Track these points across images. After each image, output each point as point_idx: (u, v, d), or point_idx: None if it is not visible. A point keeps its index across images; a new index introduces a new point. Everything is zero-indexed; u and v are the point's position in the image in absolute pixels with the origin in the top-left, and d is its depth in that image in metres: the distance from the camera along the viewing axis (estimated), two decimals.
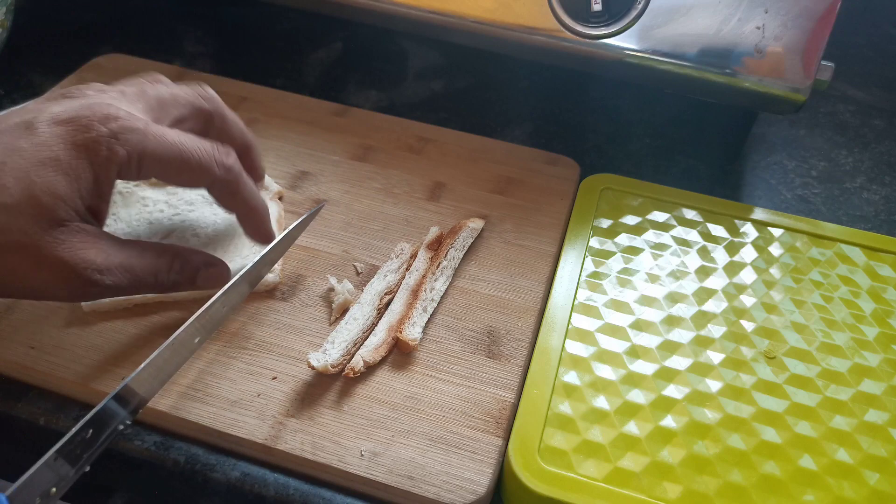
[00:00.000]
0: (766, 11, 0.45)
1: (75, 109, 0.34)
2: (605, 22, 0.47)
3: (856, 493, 0.35)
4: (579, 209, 0.48)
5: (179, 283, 0.38)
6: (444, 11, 0.50)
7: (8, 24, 0.57)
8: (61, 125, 0.34)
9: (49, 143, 0.33)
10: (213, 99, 0.40)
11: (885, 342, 0.42)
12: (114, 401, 0.33)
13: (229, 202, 0.39)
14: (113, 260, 0.35)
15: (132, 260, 0.36)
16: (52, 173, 0.33)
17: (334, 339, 0.39)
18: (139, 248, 0.37)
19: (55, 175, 0.33)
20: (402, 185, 0.50)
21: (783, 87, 0.47)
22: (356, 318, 0.40)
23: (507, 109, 0.60)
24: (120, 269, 0.35)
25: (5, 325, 0.40)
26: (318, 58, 0.65)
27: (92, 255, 0.34)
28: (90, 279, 0.34)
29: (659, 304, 0.43)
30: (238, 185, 0.39)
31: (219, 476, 0.36)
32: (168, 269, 0.37)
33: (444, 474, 0.35)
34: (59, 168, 0.33)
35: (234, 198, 0.39)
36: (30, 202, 0.32)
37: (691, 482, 0.35)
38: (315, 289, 0.43)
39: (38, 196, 0.32)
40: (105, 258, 0.34)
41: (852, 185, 0.56)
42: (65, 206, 0.33)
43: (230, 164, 0.38)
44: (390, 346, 0.40)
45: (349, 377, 0.38)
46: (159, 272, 0.37)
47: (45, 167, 0.33)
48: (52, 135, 0.33)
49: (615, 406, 0.38)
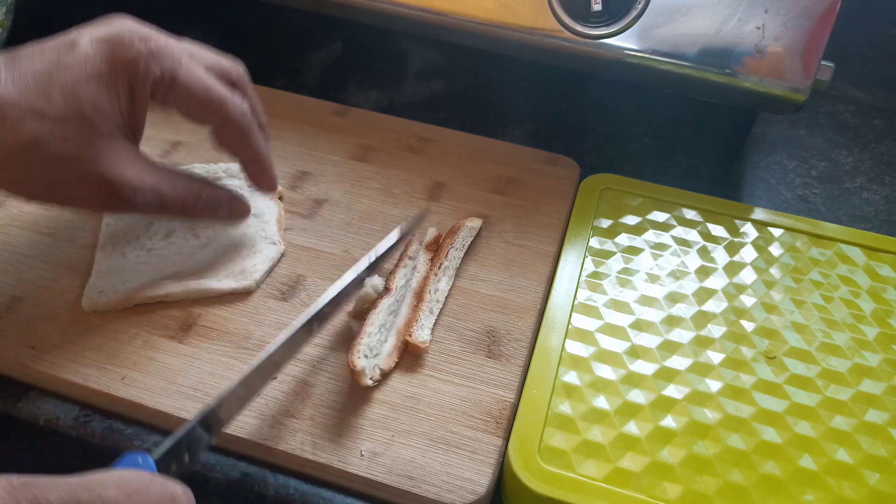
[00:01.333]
0: (766, 11, 0.45)
1: (118, 29, 0.37)
2: (605, 22, 0.47)
3: (856, 493, 0.35)
4: (579, 209, 0.48)
5: (204, 213, 0.41)
6: (444, 11, 0.50)
7: (8, 24, 0.57)
8: (103, 42, 0.36)
9: (92, 58, 0.35)
10: (243, 75, 0.42)
11: (885, 342, 0.42)
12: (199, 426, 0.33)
13: (238, 145, 0.41)
14: (147, 180, 0.37)
15: (164, 184, 0.38)
16: (95, 87, 0.35)
17: (372, 348, 0.39)
18: (172, 175, 0.39)
19: (98, 89, 0.35)
20: (402, 185, 0.50)
21: (783, 87, 0.47)
22: (387, 326, 0.40)
23: (507, 109, 0.60)
24: (151, 191, 0.37)
25: (5, 325, 0.40)
26: (318, 58, 0.64)
27: (129, 172, 0.36)
28: (123, 195, 0.36)
29: (659, 304, 0.43)
30: (249, 130, 0.40)
31: (219, 476, 0.36)
32: (196, 200, 0.40)
33: (444, 474, 0.35)
34: (102, 82, 0.35)
35: (243, 141, 0.40)
36: (75, 114, 0.34)
37: (691, 482, 0.35)
38: (315, 289, 0.43)
39: (82, 109, 0.35)
40: (140, 178, 0.37)
41: (852, 185, 0.56)
42: (106, 120, 0.35)
43: (246, 109, 0.40)
44: (401, 350, 0.40)
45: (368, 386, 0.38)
46: (186, 200, 0.39)
47: (88, 81, 0.35)
48: (96, 51, 0.36)
49: (615, 406, 0.38)
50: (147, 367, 0.38)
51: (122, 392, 0.37)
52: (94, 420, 0.37)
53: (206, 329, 0.40)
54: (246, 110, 0.40)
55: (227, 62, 0.41)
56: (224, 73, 0.40)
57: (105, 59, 0.35)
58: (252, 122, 0.40)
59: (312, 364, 0.39)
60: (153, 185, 0.37)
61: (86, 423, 0.37)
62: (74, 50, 0.35)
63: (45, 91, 0.34)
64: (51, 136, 0.34)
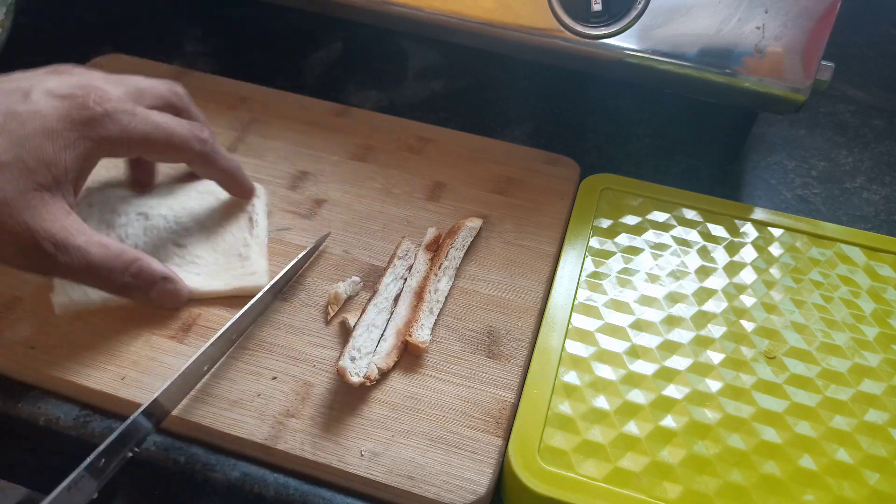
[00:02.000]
0: (766, 11, 0.45)
1: (70, 86, 0.36)
2: (605, 22, 0.47)
3: (856, 493, 0.35)
4: (579, 209, 0.48)
5: (133, 289, 0.39)
6: (444, 11, 0.50)
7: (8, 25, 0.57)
8: (58, 99, 0.36)
9: (45, 113, 0.35)
10: (182, 96, 0.43)
11: (885, 342, 0.42)
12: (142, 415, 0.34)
13: (208, 171, 0.43)
14: (72, 240, 0.35)
15: (91, 247, 0.36)
16: (43, 140, 0.35)
17: (360, 348, 0.39)
18: (103, 241, 0.37)
19: (45, 142, 0.35)
20: (402, 185, 0.50)
21: (783, 87, 0.47)
22: (377, 324, 0.40)
23: (507, 109, 0.60)
24: (77, 251, 0.36)
25: (5, 325, 0.40)
26: (318, 58, 0.64)
27: (55, 228, 0.35)
28: (45, 251, 0.35)
29: (659, 304, 0.43)
30: (214, 156, 0.42)
31: (219, 476, 0.36)
32: (124, 269, 0.38)
33: (444, 474, 0.35)
34: (51, 137, 0.35)
35: (212, 167, 0.43)
36: (17, 164, 0.34)
37: (691, 482, 0.35)
38: (315, 289, 0.43)
39: (24, 158, 0.34)
40: (65, 235, 0.35)
41: (852, 185, 0.56)
42: (46, 173, 0.35)
43: (206, 137, 0.41)
44: (400, 350, 0.40)
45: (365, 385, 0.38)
46: (114, 269, 0.37)
47: (37, 134, 0.35)
48: (49, 106, 0.35)
49: (615, 406, 0.38)
50: (147, 367, 0.38)
51: (122, 392, 0.37)
52: (94, 420, 0.37)
53: (206, 329, 0.40)
54: (206, 137, 0.41)
55: (166, 88, 0.42)
56: (169, 104, 0.41)
57: (59, 117, 0.35)
58: (213, 146, 0.42)
59: (312, 364, 0.39)
60: (79, 246, 0.35)
61: (86, 423, 0.37)
62: (28, 101, 0.35)
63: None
64: None
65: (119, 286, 0.38)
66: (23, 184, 0.34)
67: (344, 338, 0.41)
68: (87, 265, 0.36)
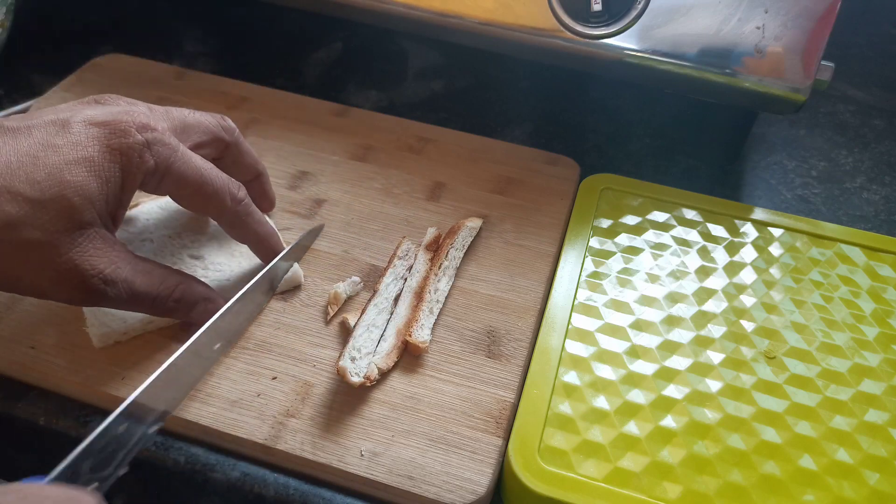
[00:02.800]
0: (766, 11, 0.45)
1: (113, 114, 0.35)
2: (605, 22, 0.47)
3: (856, 493, 0.35)
4: (579, 209, 0.48)
5: (175, 311, 0.38)
6: (444, 11, 0.50)
7: (8, 25, 0.57)
8: (98, 126, 0.34)
9: (84, 143, 0.33)
10: (233, 130, 0.41)
11: (885, 342, 0.42)
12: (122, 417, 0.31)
13: (238, 232, 0.40)
14: (120, 273, 0.35)
15: (137, 277, 0.35)
16: (85, 173, 0.33)
17: (360, 348, 0.39)
18: (148, 267, 0.36)
19: (87, 175, 0.33)
20: (402, 185, 0.50)
21: (783, 87, 0.47)
22: (377, 324, 0.40)
23: (507, 109, 0.60)
24: (123, 284, 0.35)
25: (5, 325, 0.40)
26: (318, 58, 0.65)
27: (103, 263, 0.34)
28: (95, 288, 0.34)
29: (659, 304, 0.43)
30: (247, 217, 0.40)
31: (219, 476, 0.36)
32: (168, 295, 0.37)
33: (444, 474, 0.35)
34: (92, 169, 0.33)
35: (243, 228, 0.40)
36: (59, 200, 0.32)
37: (691, 482, 0.35)
38: (315, 289, 0.43)
39: (66, 195, 0.32)
40: (114, 269, 0.34)
41: (852, 185, 0.56)
42: (91, 209, 0.33)
43: (241, 197, 0.39)
44: (400, 350, 0.40)
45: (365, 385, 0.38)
46: (159, 296, 0.37)
47: (78, 166, 0.33)
48: (89, 136, 0.34)
49: (615, 406, 0.38)
50: (147, 367, 0.38)
51: (122, 392, 0.37)
52: (94, 420, 0.37)
53: None
54: (242, 197, 0.39)
55: (214, 124, 0.40)
56: (214, 140, 0.40)
57: (98, 146, 0.34)
58: (248, 206, 0.40)
59: (312, 364, 0.39)
60: (126, 278, 0.35)
61: (86, 423, 0.37)
62: (66, 131, 0.33)
63: (29, 173, 0.32)
64: (25, 221, 0.32)
65: (162, 311, 0.37)
66: (68, 223, 0.33)
67: (344, 338, 0.41)
68: (133, 295, 0.35)
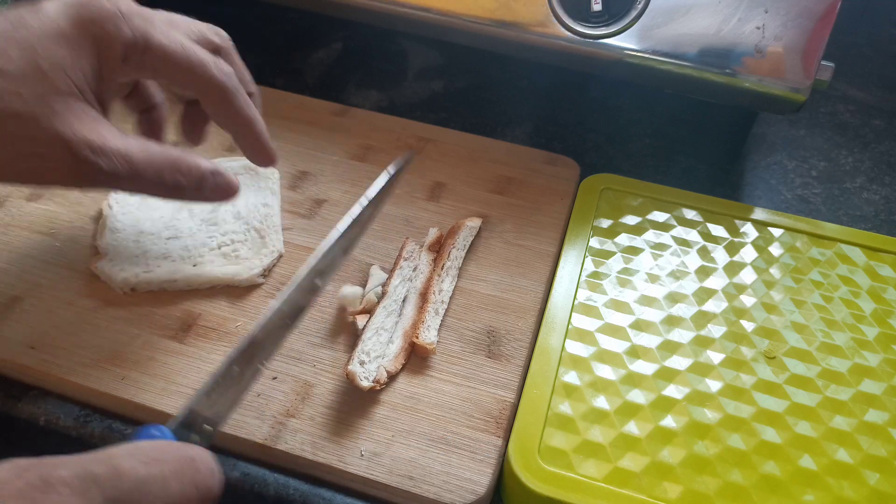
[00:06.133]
0: (766, 11, 0.45)
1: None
2: (605, 22, 0.47)
3: (856, 493, 0.35)
4: (579, 209, 0.48)
5: (184, 188, 0.36)
6: (444, 11, 0.50)
7: None
8: (69, 5, 0.34)
9: (55, 18, 0.33)
10: (225, 37, 0.39)
11: (885, 342, 0.42)
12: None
13: (225, 112, 0.38)
14: (111, 144, 0.33)
15: (133, 149, 0.34)
16: (55, 44, 0.33)
17: (369, 352, 0.38)
18: (143, 142, 0.35)
19: (57, 46, 0.33)
20: (402, 185, 0.50)
21: (783, 87, 0.47)
22: (385, 327, 0.40)
23: (507, 109, 0.60)
24: (118, 156, 0.33)
25: (5, 325, 0.40)
26: (318, 58, 0.65)
27: (86, 130, 0.33)
28: (85, 158, 0.32)
29: (659, 304, 0.43)
30: (236, 94, 0.38)
31: None
32: (173, 167, 0.35)
33: (444, 474, 0.35)
34: (63, 40, 0.33)
35: (230, 106, 0.38)
36: (32, 70, 0.32)
37: (691, 482, 0.35)
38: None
39: (39, 64, 0.32)
40: (100, 139, 0.33)
41: (852, 185, 0.56)
42: (65, 77, 0.33)
43: (228, 71, 0.37)
44: (408, 352, 0.40)
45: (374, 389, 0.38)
46: (163, 169, 0.35)
47: (49, 39, 0.33)
48: (59, 11, 0.34)
49: (615, 406, 0.38)
50: (147, 367, 0.38)
51: (122, 392, 0.37)
52: (94, 420, 0.37)
53: (206, 329, 0.40)
54: (230, 72, 0.37)
55: (208, 28, 0.38)
56: (205, 40, 0.38)
57: (69, 19, 0.33)
58: (238, 85, 0.38)
59: (312, 364, 0.39)
60: (119, 149, 0.33)
61: (86, 423, 0.37)
62: (38, 11, 0.33)
63: (2, 49, 0.32)
64: (3, 92, 0.31)
65: (171, 187, 0.35)
66: (41, 89, 0.32)
67: (345, 338, 0.41)
68: (133, 169, 0.34)
